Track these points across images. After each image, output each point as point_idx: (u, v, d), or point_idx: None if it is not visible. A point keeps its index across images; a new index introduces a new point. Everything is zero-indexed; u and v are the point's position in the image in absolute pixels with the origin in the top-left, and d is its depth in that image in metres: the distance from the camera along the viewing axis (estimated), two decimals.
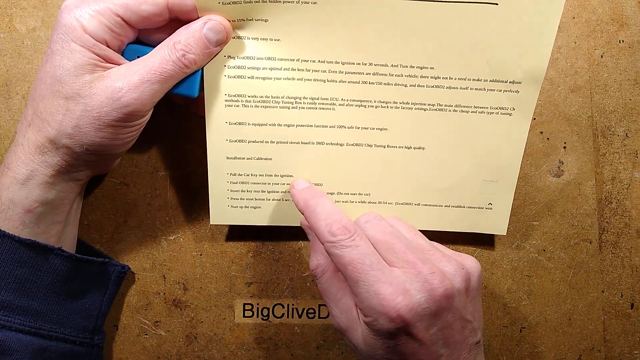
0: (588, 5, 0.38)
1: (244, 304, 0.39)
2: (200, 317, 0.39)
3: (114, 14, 0.29)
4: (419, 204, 0.36)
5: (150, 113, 0.31)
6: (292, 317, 0.39)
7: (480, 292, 0.32)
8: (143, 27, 0.30)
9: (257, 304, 0.39)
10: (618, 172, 0.39)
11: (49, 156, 0.30)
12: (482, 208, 0.37)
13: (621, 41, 0.38)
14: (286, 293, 0.39)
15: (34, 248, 0.30)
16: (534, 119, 0.38)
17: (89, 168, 0.32)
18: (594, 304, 0.39)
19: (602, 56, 0.38)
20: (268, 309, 0.39)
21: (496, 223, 0.37)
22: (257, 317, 0.39)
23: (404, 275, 0.29)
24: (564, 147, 0.39)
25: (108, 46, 0.29)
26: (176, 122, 0.37)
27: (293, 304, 0.39)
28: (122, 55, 0.31)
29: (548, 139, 0.39)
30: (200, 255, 0.39)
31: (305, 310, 0.39)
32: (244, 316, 0.39)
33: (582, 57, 0.38)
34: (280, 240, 0.39)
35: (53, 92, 0.29)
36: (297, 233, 0.38)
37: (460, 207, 0.36)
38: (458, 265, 0.30)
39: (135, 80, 0.29)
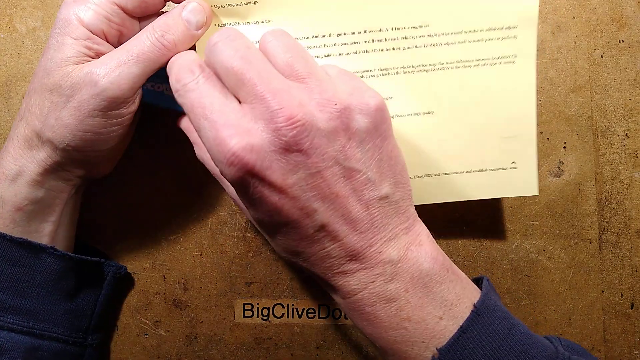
0: (588, 5, 0.38)
1: (244, 304, 0.39)
2: (200, 317, 0.39)
3: (110, 2, 0.29)
4: (438, 174, 0.34)
5: (133, 106, 0.30)
6: (292, 317, 0.39)
7: (382, 135, 0.26)
8: (141, 13, 0.30)
9: (257, 304, 0.39)
10: (618, 172, 0.39)
11: (36, 151, 0.30)
12: (507, 169, 0.34)
13: (621, 41, 0.38)
14: (286, 293, 0.39)
15: (25, 247, 0.30)
16: None
17: (78, 167, 0.32)
18: (594, 304, 0.39)
19: (602, 56, 0.38)
20: (268, 309, 0.39)
21: (525, 184, 0.34)
22: (257, 317, 0.39)
23: (251, 112, 0.24)
24: (564, 147, 0.39)
25: (106, 38, 0.30)
26: (176, 122, 0.37)
27: (293, 304, 0.39)
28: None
29: (548, 139, 0.38)
30: (200, 255, 0.39)
31: (305, 310, 0.39)
32: (244, 316, 0.39)
33: (582, 57, 0.38)
34: None
35: (42, 84, 0.29)
36: None
37: (482, 170, 0.34)
38: (332, 97, 0.25)
39: (113, 64, 0.28)
